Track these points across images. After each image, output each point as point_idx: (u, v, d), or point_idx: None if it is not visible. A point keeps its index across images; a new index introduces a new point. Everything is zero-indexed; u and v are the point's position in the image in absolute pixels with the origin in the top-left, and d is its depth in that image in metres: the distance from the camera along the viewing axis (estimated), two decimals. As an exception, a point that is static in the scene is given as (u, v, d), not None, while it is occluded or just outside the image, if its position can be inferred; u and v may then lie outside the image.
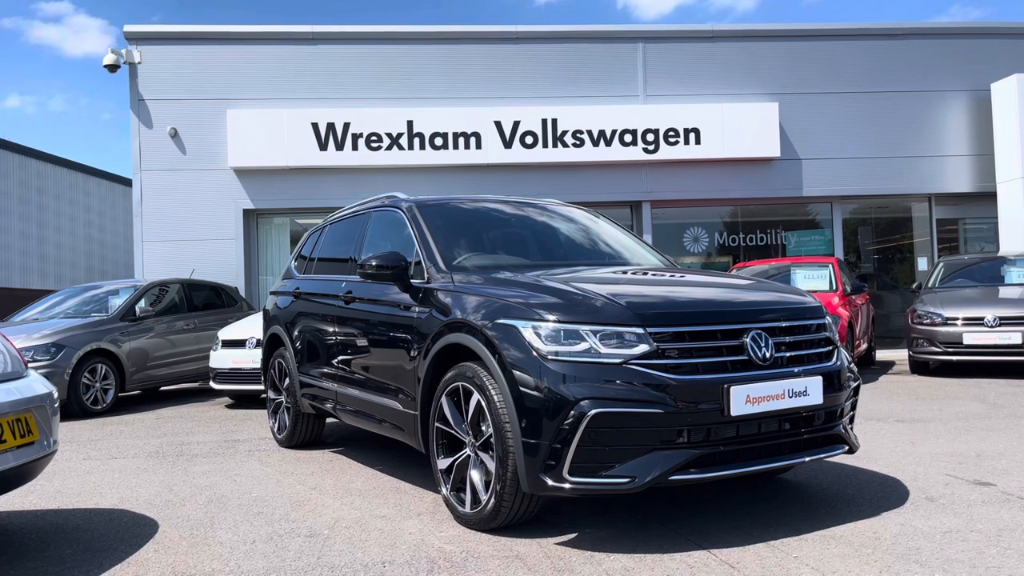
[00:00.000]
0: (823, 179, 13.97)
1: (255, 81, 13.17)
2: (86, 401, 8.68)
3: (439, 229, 4.64)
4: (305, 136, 12.92)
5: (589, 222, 5.40)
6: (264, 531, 3.83)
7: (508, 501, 3.49)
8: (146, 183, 13.01)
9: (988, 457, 5.01)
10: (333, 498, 4.46)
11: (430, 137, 13.11)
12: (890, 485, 4.35)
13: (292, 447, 6.12)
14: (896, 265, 16.06)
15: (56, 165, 29.97)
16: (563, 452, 3.26)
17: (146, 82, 13.07)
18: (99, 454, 6.22)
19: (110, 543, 3.72)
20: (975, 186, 14.26)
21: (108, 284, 10.77)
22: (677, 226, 14.87)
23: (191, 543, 3.67)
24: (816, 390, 3.56)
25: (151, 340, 9.74)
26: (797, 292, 4.13)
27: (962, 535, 3.43)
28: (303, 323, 5.80)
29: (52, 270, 29.36)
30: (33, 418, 3.50)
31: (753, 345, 3.49)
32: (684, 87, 13.78)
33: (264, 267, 13.72)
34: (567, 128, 13.28)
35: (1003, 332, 9.26)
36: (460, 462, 3.80)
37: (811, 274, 10.50)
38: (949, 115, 14.25)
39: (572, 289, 3.65)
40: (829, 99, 14.00)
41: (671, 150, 13.45)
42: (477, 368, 3.65)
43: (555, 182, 13.46)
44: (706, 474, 3.32)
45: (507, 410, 3.43)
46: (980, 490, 4.18)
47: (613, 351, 3.33)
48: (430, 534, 3.68)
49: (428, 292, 4.24)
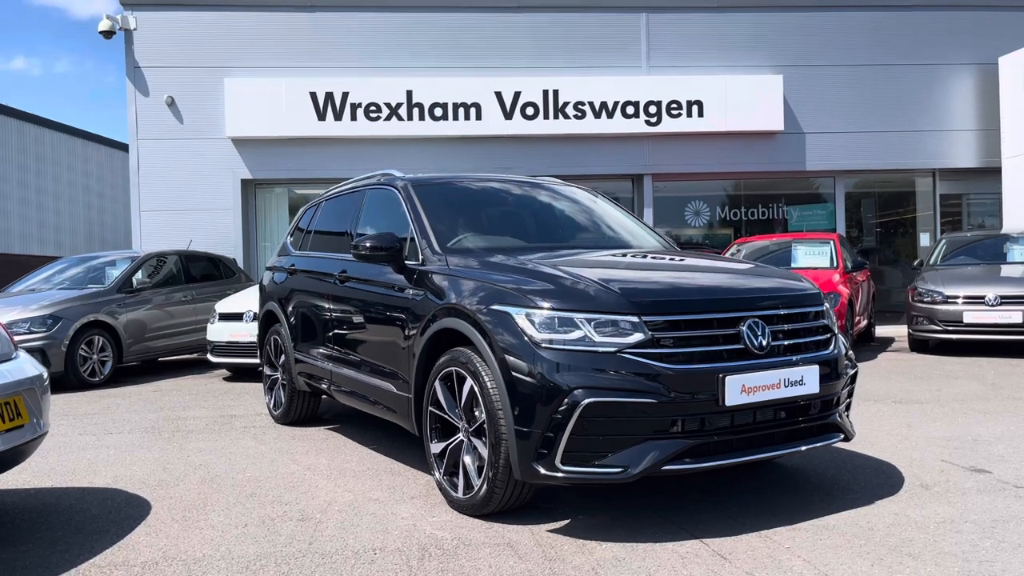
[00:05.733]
0: (826, 153, 13.82)
1: (253, 49, 12.97)
2: (83, 373, 8.68)
3: (434, 209, 4.58)
4: (303, 106, 12.77)
5: (588, 202, 5.33)
6: (256, 514, 3.82)
7: (500, 488, 3.47)
8: (143, 152, 12.89)
9: (984, 442, 4.99)
10: (327, 479, 4.45)
11: (429, 107, 12.95)
12: (885, 471, 4.33)
13: (288, 424, 6.11)
14: (898, 239, 15.97)
15: (55, 131, 29.77)
16: (556, 441, 3.23)
17: (142, 49, 12.89)
18: (95, 429, 6.22)
19: (102, 524, 3.71)
20: (980, 161, 14.13)
21: (105, 255, 10.71)
22: (678, 199, 14.77)
23: (183, 526, 3.66)
24: (812, 379, 3.53)
25: (148, 312, 9.71)
26: (795, 278, 4.07)
27: (956, 526, 3.42)
28: (298, 301, 5.76)
29: (52, 237, 29.29)
30: (23, 400, 3.47)
31: (749, 334, 3.45)
32: (687, 58, 13.58)
33: (262, 238, 13.65)
34: (569, 99, 13.11)
35: (1004, 311, 9.22)
36: (453, 447, 3.78)
37: (812, 250, 10.42)
38: (955, 89, 14.07)
39: (567, 275, 3.60)
40: (834, 72, 13.81)
41: (673, 123, 13.30)
42: (471, 354, 3.62)
43: (556, 154, 13.35)
44: (700, 464, 3.29)
45: (500, 397, 3.40)
46: (975, 477, 4.16)
47: (607, 339, 3.28)
48: (422, 519, 3.67)
49: (422, 274, 4.19)
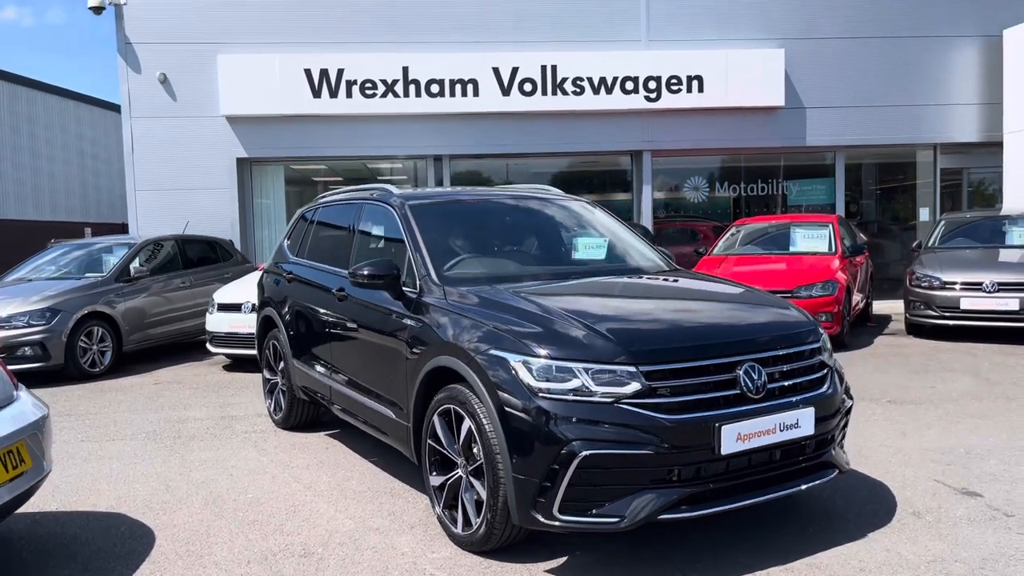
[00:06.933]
0: (827, 128, 13.70)
1: (245, 25, 12.74)
2: (84, 364, 8.72)
3: (431, 233, 4.55)
4: (298, 83, 12.60)
5: (585, 215, 5.31)
6: (259, 548, 3.88)
7: (499, 529, 3.53)
8: (137, 130, 12.75)
9: (977, 455, 5.06)
10: (327, 502, 4.51)
11: (426, 84, 12.78)
12: (878, 495, 4.39)
13: (288, 428, 6.17)
14: (900, 208, 15.92)
15: (47, 93, 29.39)
16: (553, 490, 3.28)
17: (133, 24, 12.66)
18: (96, 434, 6.27)
19: (107, 561, 3.77)
20: (981, 135, 14.01)
21: (101, 240, 10.69)
22: (678, 173, 14.69)
23: (187, 562, 3.73)
24: (808, 421, 3.56)
25: (146, 299, 9.71)
26: (792, 311, 4.08)
27: (946, 566, 3.48)
28: (297, 312, 5.76)
29: (47, 200, 29.12)
30: (26, 447, 3.50)
31: (746, 378, 3.47)
32: (688, 32, 13.37)
33: (259, 217, 13.59)
34: (567, 75, 12.94)
35: (1001, 298, 9.24)
36: (452, 482, 3.83)
37: (810, 234, 10.40)
38: (958, 62, 13.88)
39: (565, 317, 3.60)
40: (836, 44, 13.60)
41: (673, 98, 13.15)
42: (468, 394, 3.63)
43: (554, 131, 13.23)
44: (696, 512, 3.34)
45: (498, 442, 3.43)
46: (966, 503, 4.22)
47: (605, 389, 3.30)
48: (422, 556, 3.73)
49: (420, 304, 4.19)
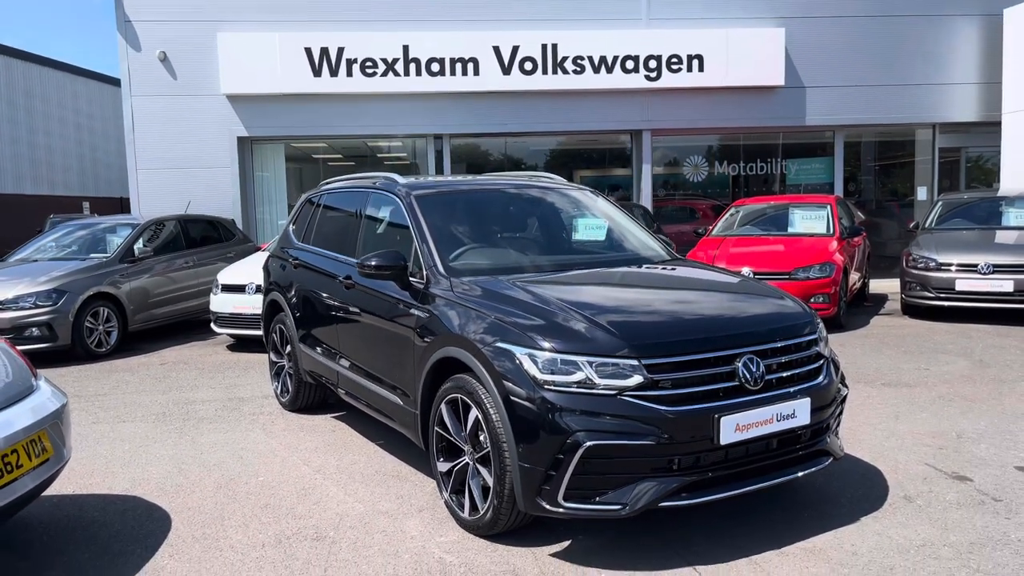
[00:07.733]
0: (826, 108, 13.74)
1: (245, 2, 12.73)
2: (90, 344, 8.83)
3: (437, 224, 4.64)
4: (299, 61, 12.60)
5: (589, 204, 5.40)
6: (272, 531, 4.02)
7: (505, 514, 3.66)
8: (137, 109, 12.76)
9: (968, 439, 5.20)
10: (336, 485, 4.64)
11: (426, 63, 12.77)
12: (871, 479, 4.53)
13: (295, 411, 6.30)
14: (898, 185, 15.98)
15: (43, 66, 29.22)
16: (558, 478, 3.40)
17: (132, 2, 12.61)
18: (107, 415, 6.40)
19: (126, 544, 3.91)
20: (980, 115, 14.06)
21: (104, 220, 10.75)
22: (678, 152, 14.73)
23: (204, 546, 3.86)
24: (804, 411, 3.68)
25: (151, 279, 9.82)
26: (790, 302, 4.18)
27: (935, 550, 3.62)
28: (303, 297, 5.86)
29: (45, 175, 29.06)
30: (47, 435, 3.62)
31: (745, 371, 3.58)
32: (688, 10, 13.35)
33: (260, 196, 13.64)
34: (568, 54, 12.95)
35: (995, 280, 9.35)
36: (459, 468, 3.96)
37: (809, 215, 10.49)
38: (958, 41, 13.89)
39: (569, 310, 3.71)
40: (836, 23, 13.60)
41: (673, 77, 13.16)
42: (475, 384, 3.75)
43: (555, 110, 13.27)
44: (695, 499, 3.47)
45: (504, 432, 3.55)
46: (957, 488, 4.36)
47: (608, 382, 3.42)
48: (430, 539, 3.87)
49: (427, 295, 4.28)
